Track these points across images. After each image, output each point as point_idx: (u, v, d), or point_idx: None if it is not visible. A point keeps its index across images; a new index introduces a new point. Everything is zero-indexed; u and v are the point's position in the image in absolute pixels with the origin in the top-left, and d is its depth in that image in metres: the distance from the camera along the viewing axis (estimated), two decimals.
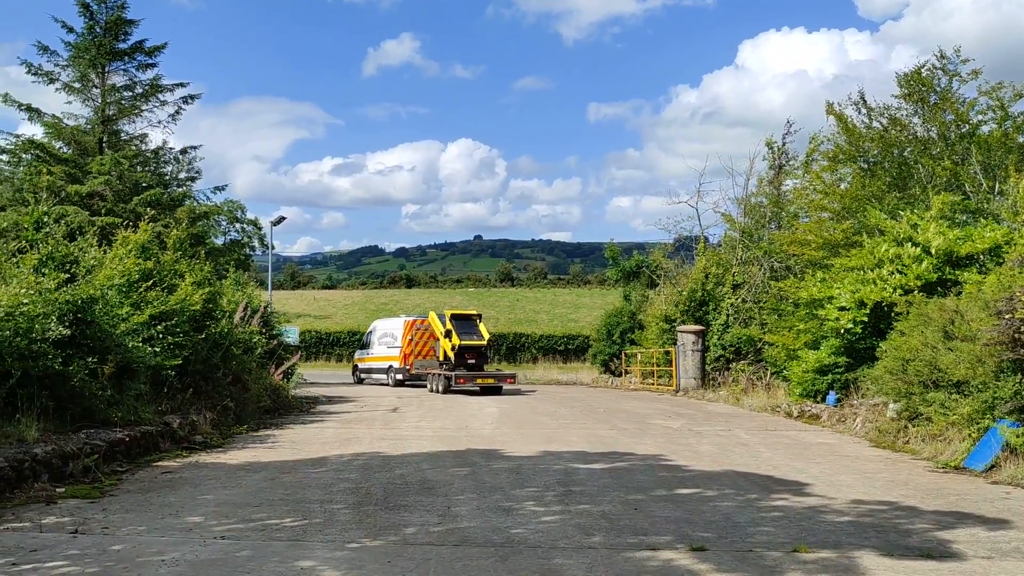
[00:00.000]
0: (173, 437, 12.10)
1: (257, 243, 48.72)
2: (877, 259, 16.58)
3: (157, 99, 27.32)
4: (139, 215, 20.62)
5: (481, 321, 27.40)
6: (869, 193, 19.98)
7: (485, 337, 26.39)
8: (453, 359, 25.65)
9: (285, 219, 40.82)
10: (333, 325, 53.40)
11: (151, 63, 27.09)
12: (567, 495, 8.62)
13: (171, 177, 29.04)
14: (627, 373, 31.85)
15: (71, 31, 26.00)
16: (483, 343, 26.18)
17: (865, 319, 16.10)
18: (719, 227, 32.54)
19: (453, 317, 26.63)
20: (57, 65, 26.13)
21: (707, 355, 26.16)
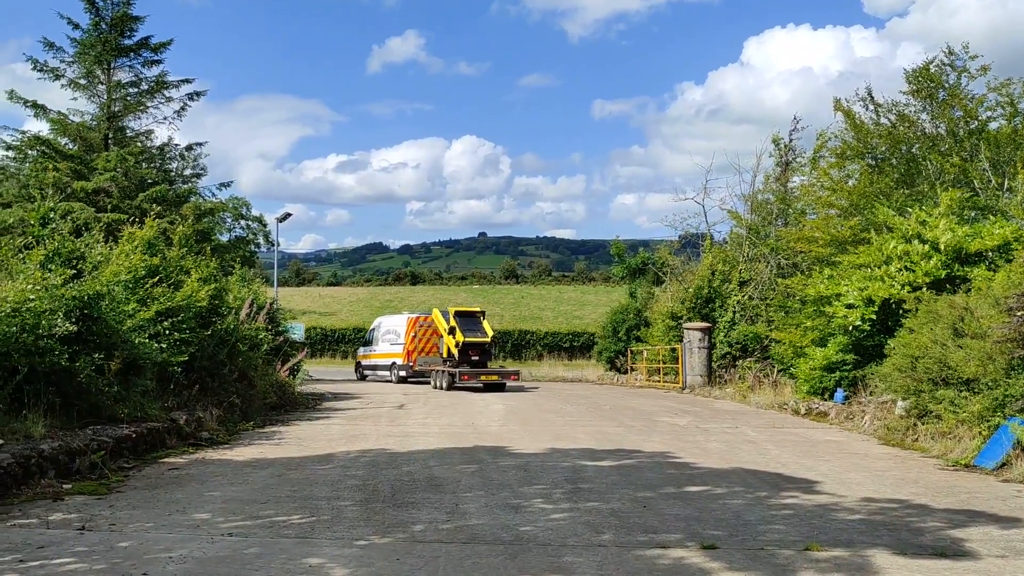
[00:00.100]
0: (179, 434, 12.09)
1: (262, 240, 48.72)
2: (885, 256, 16.49)
3: (163, 95, 27.35)
4: (145, 211, 20.61)
5: (485, 318, 27.40)
6: (877, 190, 19.86)
7: (489, 334, 26.41)
8: (457, 356, 25.66)
9: (291, 215, 40.90)
10: (338, 322, 53.45)
11: (157, 59, 27.12)
12: (575, 492, 8.57)
13: (177, 174, 29.08)
14: (633, 370, 31.78)
15: (77, 27, 26.07)
16: (487, 340, 26.20)
17: (873, 316, 16.01)
18: (725, 224, 32.51)
19: (457, 314, 26.68)
20: (63, 61, 26.19)
21: (714, 352, 26.09)
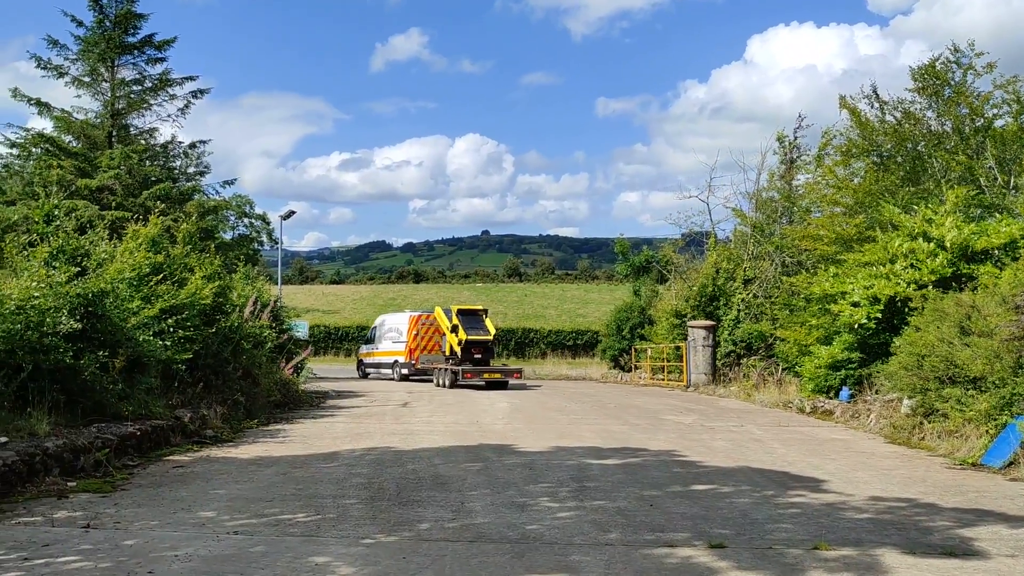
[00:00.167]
0: (184, 431, 12.08)
1: (265, 238, 48.86)
2: (891, 254, 16.41)
3: (166, 93, 27.37)
4: (149, 209, 20.66)
5: (487, 316, 27.39)
6: (882, 187, 19.80)
7: (491, 332, 26.40)
8: (460, 354, 25.66)
9: (295, 213, 40.90)
10: (342, 320, 53.48)
11: (160, 57, 27.13)
12: (581, 491, 8.54)
13: (180, 171, 29.11)
14: (637, 368, 31.75)
15: (80, 25, 26.04)
16: (489, 338, 26.20)
17: (879, 314, 15.93)
18: (729, 222, 32.33)
19: (460, 312, 26.70)
20: (67, 59, 26.16)
21: (718, 350, 26.05)
